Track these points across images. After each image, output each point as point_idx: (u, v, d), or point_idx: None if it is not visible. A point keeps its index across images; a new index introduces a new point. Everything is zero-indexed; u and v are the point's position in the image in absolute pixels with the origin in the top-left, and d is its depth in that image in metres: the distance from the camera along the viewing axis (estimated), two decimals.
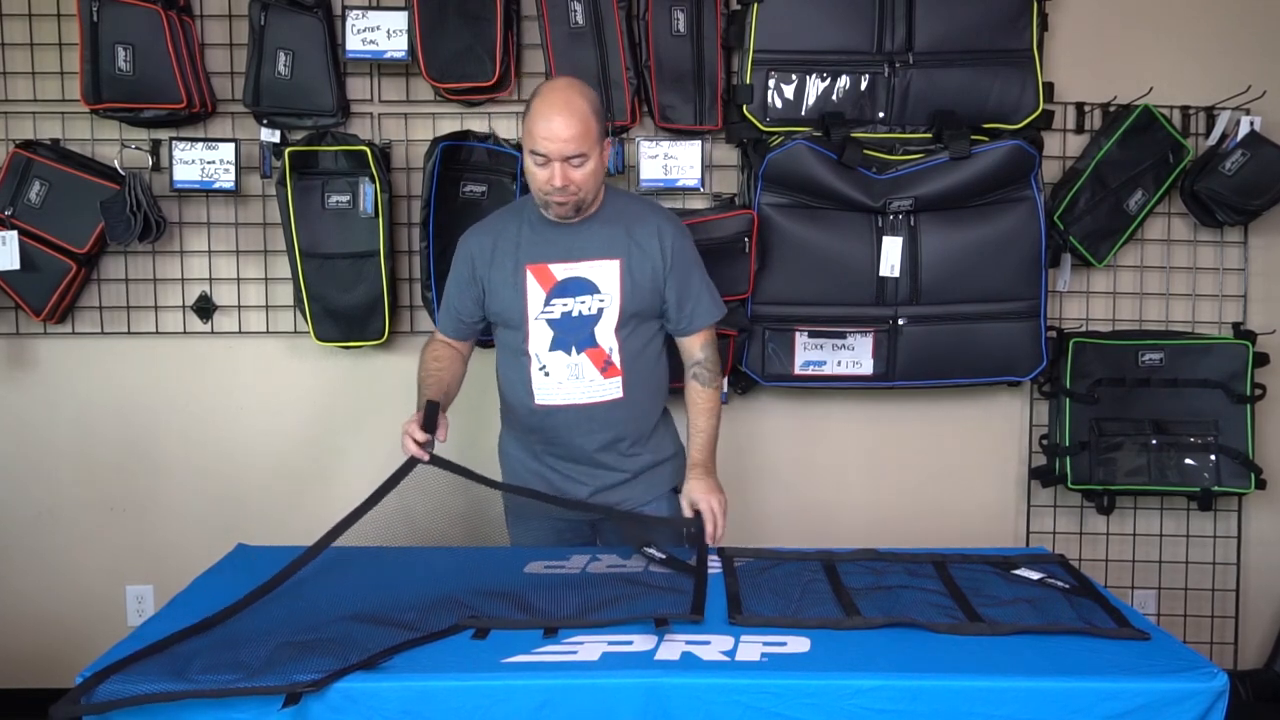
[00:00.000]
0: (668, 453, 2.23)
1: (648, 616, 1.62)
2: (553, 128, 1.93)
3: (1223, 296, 2.92)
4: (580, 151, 1.95)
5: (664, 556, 1.93)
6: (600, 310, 2.07)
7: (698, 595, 1.73)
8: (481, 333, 2.22)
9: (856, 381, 2.76)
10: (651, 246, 2.08)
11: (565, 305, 2.06)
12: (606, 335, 2.08)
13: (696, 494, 2.11)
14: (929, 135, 2.67)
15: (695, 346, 2.17)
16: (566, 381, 2.07)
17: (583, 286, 2.07)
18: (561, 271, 2.06)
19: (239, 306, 2.86)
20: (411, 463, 1.95)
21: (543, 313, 2.07)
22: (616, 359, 2.09)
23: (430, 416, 1.97)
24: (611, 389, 2.09)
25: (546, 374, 2.08)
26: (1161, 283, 2.92)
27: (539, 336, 2.07)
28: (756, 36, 2.65)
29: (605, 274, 2.07)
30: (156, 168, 2.76)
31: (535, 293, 2.07)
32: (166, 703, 1.40)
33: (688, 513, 2.11)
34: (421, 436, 1.94)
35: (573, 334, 2.07)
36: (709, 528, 2.07)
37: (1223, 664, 2.71)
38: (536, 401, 2.09)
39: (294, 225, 2.64)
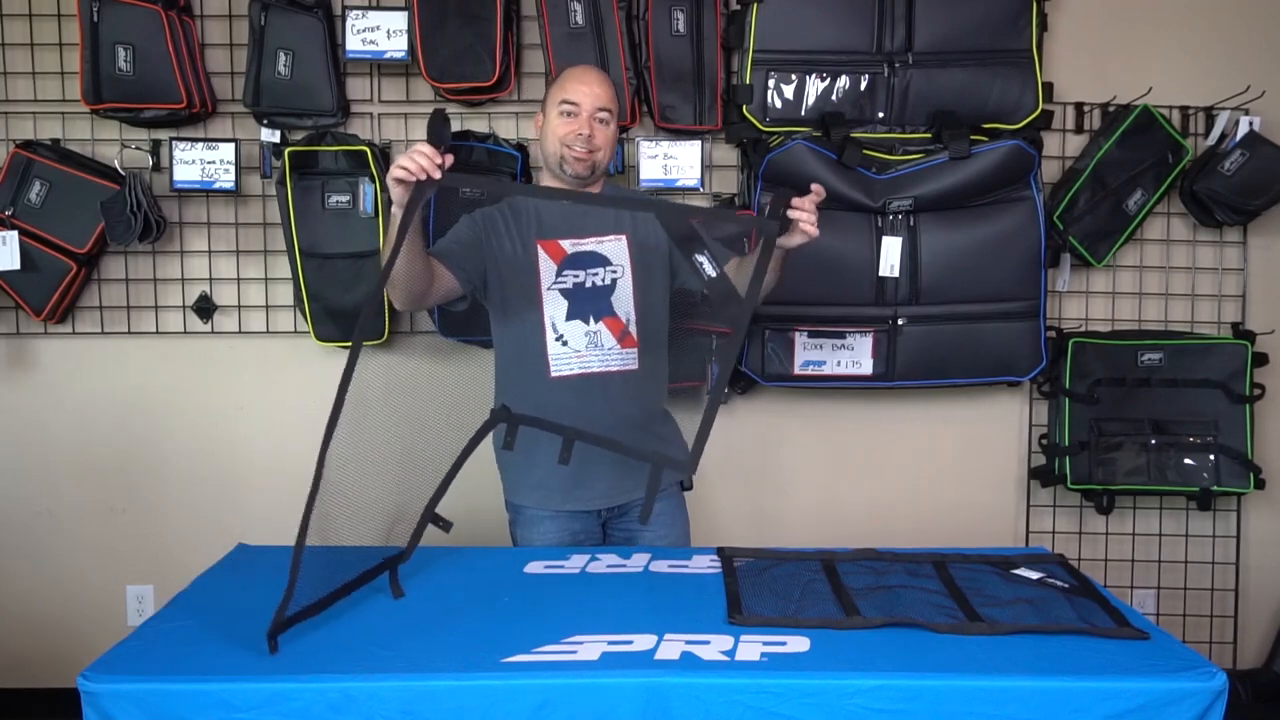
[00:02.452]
0: (675, 444, 2.24)
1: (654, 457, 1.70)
2: (588, 81, 2.10)
3: (1222, 296, 2.93)
4: (608, 107, 2.09)
5: (716, 273, 1.66)
6: (614, 281, 2.10)
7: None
8: (458, 299, 2.12)
9: (856, 381, 2.76)
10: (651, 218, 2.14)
11: (577, 276, 2.09)
12: (624, 305, 2.10)
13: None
14: (929, 135, 2.68)
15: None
16: (585, 350, 2.09)
17: (593, 259, 2.10)
18: (570, 246, 2.10)
19: (239, 306, 2.86)
20: (424, 187, 1.69)
21: (555, 283, 2.09)
22: (634, 330, 2.11)
23: (439, 130, 1.69)
24: (628, 360, 2.11)
25: (564, 343, 2.09)
26: (1161, 283, 2.92)
27: (554, 306, 2.09)
28: (756, 36, 2.65)
29: (613, 248, 2.11)
30: (156, 168, 2.76)
31: (546, 264, 2.09)
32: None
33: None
34: (437, 156, 1.69)
35: (589, 304, 2.09)
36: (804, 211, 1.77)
37: (1222, 664, 2.71)
38: (552, 374, 2.09)
39: (294, 225, 2.64)
